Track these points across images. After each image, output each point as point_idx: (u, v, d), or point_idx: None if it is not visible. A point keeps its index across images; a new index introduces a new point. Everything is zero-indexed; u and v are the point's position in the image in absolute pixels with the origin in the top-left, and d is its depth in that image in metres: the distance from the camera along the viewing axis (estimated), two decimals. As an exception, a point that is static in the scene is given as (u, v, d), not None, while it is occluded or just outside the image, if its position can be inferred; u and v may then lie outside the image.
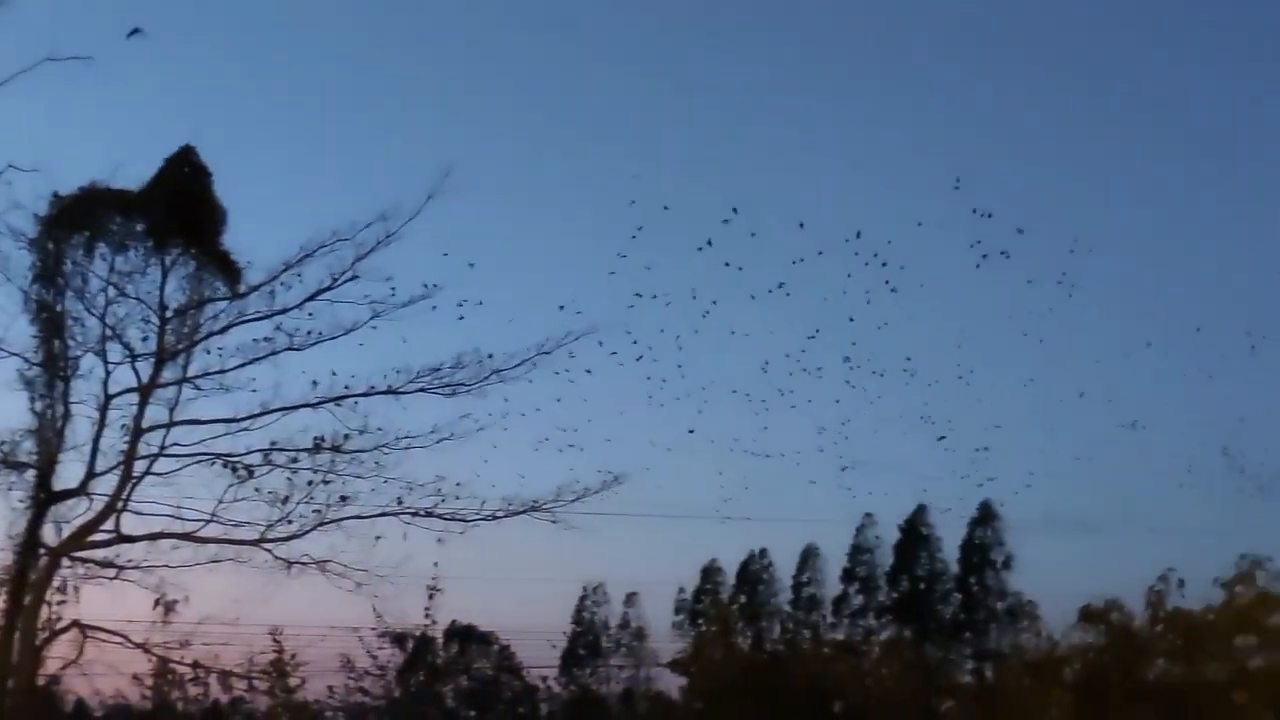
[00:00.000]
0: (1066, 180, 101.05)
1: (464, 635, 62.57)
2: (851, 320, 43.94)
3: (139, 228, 23.89)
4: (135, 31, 23.47)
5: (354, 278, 23.33)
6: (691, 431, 38.84)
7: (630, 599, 73.31)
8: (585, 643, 71.66)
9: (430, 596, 51.01)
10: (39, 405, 23.15)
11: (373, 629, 52.14)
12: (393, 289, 23.33)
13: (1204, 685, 41.95)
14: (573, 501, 24.59)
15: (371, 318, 23.48)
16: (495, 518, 24.54)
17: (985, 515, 60.02)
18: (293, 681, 26.80)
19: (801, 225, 39.11)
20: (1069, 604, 47.00)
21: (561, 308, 29.93)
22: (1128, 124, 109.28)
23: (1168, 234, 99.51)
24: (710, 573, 70.46)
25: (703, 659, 61.37)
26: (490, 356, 23.91)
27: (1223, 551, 70.55)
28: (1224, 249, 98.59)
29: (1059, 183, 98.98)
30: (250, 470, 23.64)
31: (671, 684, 65.22)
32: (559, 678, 68.35)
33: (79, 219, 23.47)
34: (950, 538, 61.39)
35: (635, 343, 32.07)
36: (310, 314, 23.52)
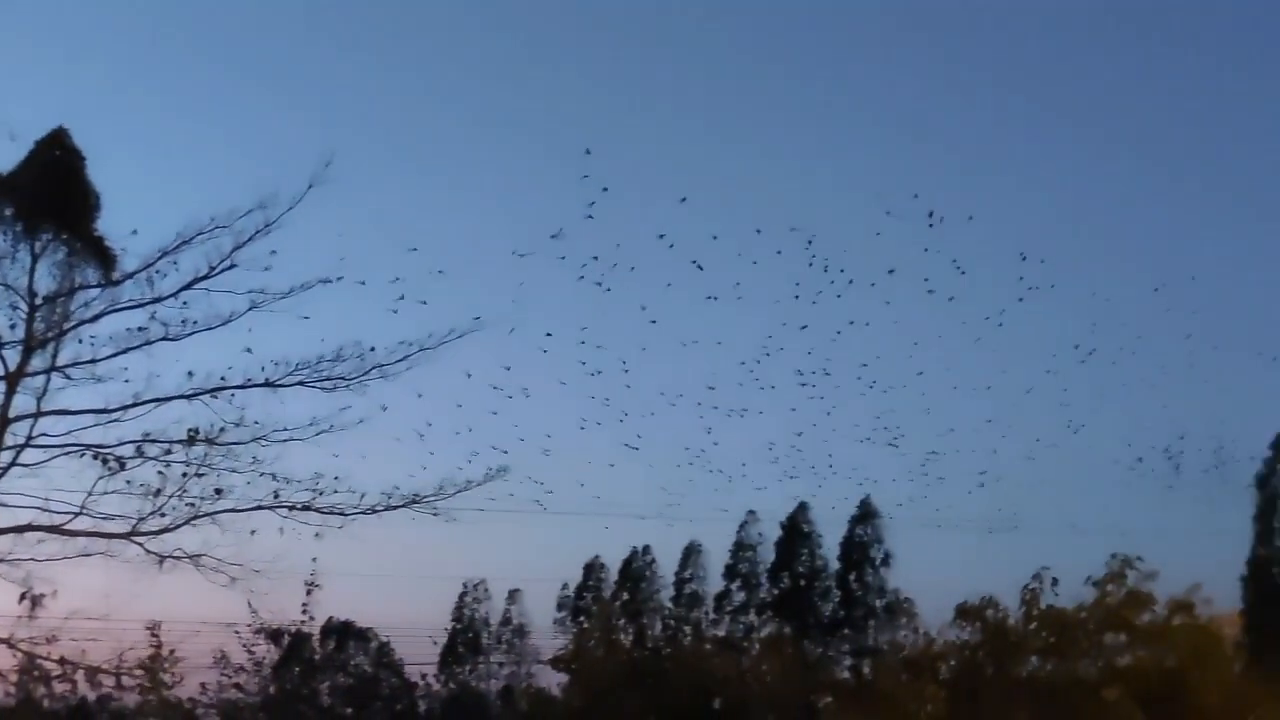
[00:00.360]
0: (1019, 188, 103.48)
1: (342, 631, 61.77)
2: (804, 328, 45.32)
3: (7, 211, 23.14)
4: None
5: (232, 267, 22.89)
6: (582, 427, 39.00)
7: (513, 595, 73.07)
8: (466, 640, 71.18)
9: (308, 592, 50.53)
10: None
11: (248, 625, 51.59)
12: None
13: (1075, 682, 42.92)
14: (454, 495, 24.44)
15: (249, 308, 23.08)
16: (375, 512, 24.32)
17: (865, 513, 60.77)
18: (168, 678, 26.17)
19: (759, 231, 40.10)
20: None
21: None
22: (1081, 132, 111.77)
23: (1116, 243, 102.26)
24: (593, 569, 70.46)
25: (584, 656, 61.32)
26: (372, 350, 23.63)
27: (1146, 549, 72.43)
28: (1168, 259, 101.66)
29: (1012, 191, 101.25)
30: (122, 462, 23.10)
31: (553, 681, 65.10)
32: (438, 675, 67.82)
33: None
34: (832, 535, 62.13)
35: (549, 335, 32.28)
36: (186, 303, 23.02)
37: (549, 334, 41.25)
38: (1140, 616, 43.58)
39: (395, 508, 24.37)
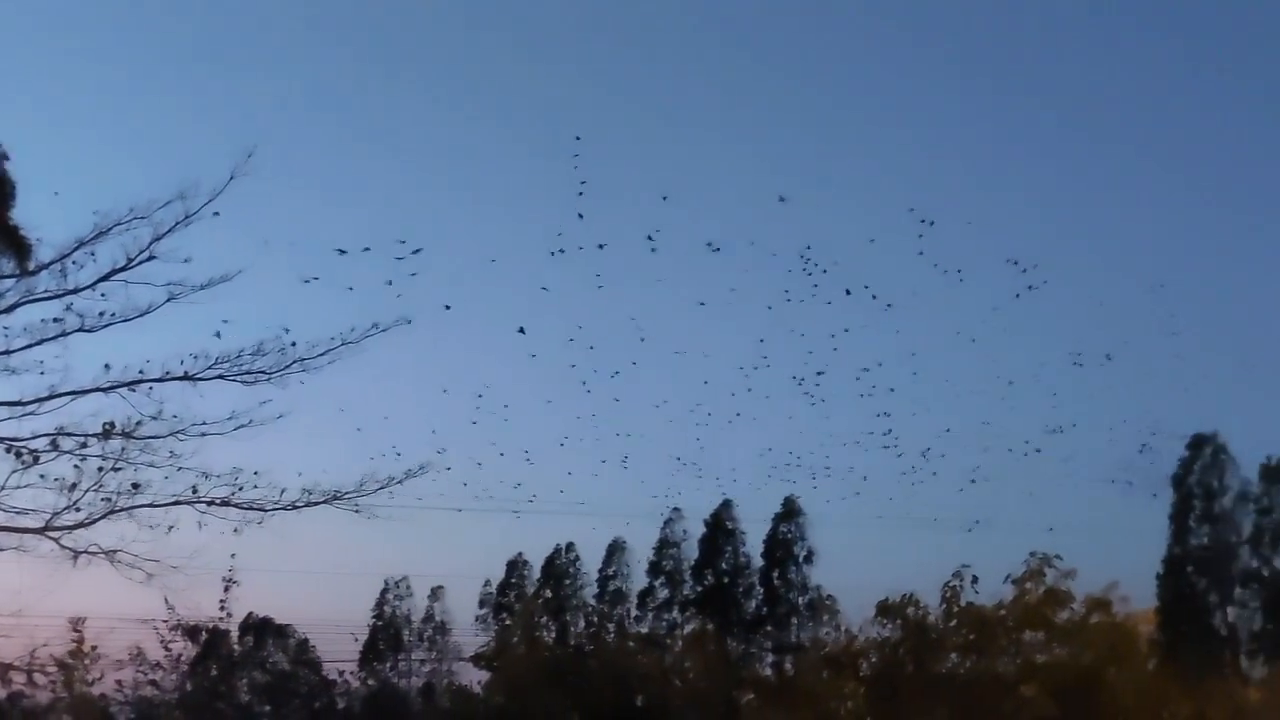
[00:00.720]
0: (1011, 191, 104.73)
1: (261, 628, 61.10)
2: (802, 335, 45.97)
3: (-83, 198, 22.57)
4: None
5: (151, 258, 22.49)
6: (507, 421, 38.98)
7: (435, 593, 72.59)
8: (387, 637, 70.65)
9: (225, 588, 49.99)
10: None
11: (165, 621, 50.87)
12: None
13: (993, 678, 43.48)
14: (375, 491, 24.21)
15: (167, 300, 22.68)
16: (295, 508, 24.01)
17: (789, 510, 61.02)
18: (88, 675, 25.77)
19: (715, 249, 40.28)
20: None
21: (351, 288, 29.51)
22: (1072, 138, 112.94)
23: (1107, 249, 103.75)
24: (515, 566, 70.19)
25: (506, 653, 61.13)
26: (294, 345, 23.33)
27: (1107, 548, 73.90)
28: (1154, 268, 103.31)
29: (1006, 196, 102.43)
30: (36, 456, 22.58)
31: (474, 678, 64.82)
32: (358, 672, 67.25)
33: None
34: (756, 533, 62.34)
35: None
36: (104, 294, 22.58)
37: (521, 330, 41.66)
38: (1058, 614, 44.24)
39: (316, 504, 24.08)
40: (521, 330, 46.26)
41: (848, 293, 45.40)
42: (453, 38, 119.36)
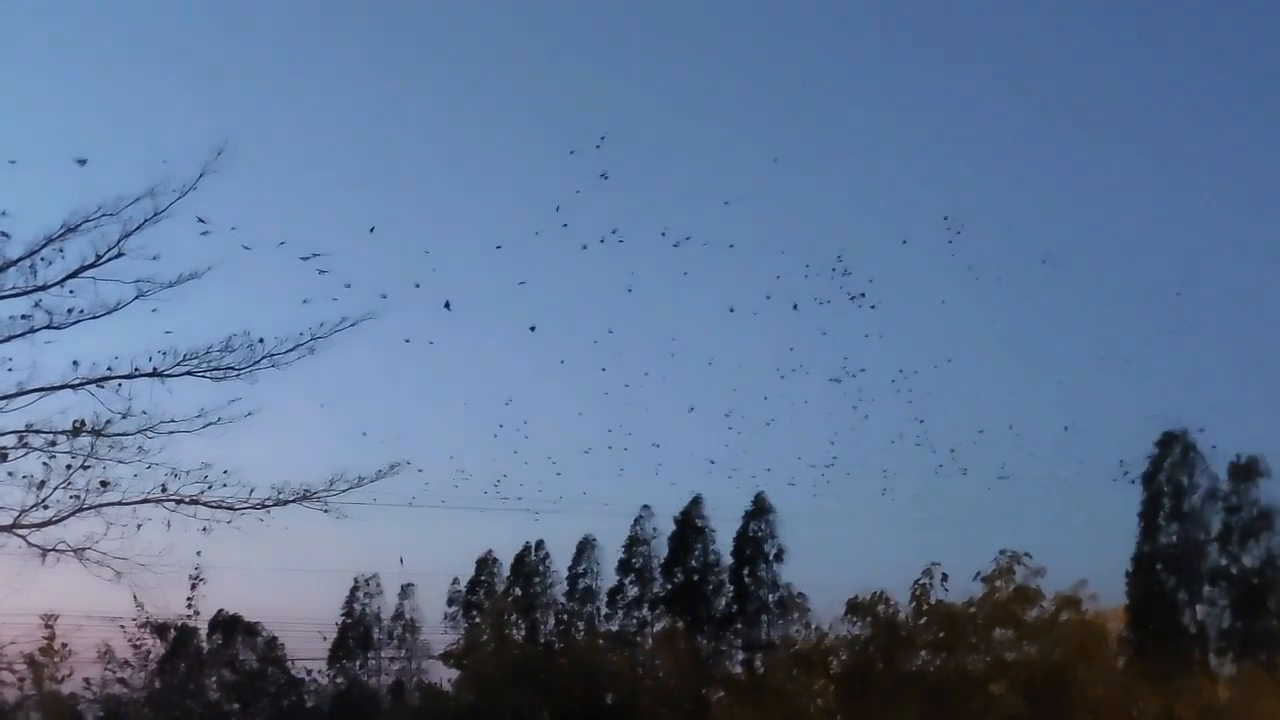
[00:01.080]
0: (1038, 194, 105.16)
1: (229, 626, 60.85)
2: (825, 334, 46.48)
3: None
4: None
5: (120, 255, 22.31)
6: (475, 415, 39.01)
7: (405, 590, 72.34)
8: (356, 634, 70.40)
9: (193, 586, 49.78)
10: None
11: (134, 619, 50.55)
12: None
13: (963, 676, 43.62)
14: (345, 490, 24.11)
15: (136, 297, 22.51)
16: (264, 506, 23.90)
17: (759, 508, 61.12)
18: (57, 673, 25.65)
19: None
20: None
21: (348, 286, 29.74)
22: (1090, 135, 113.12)
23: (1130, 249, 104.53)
24: (485, 564, 70.04)
25: (475, 651, 61.00)
26: (261, 341, 23.20)
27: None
28: (1179, 269, 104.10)
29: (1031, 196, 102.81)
30: (4, 453, 22.41)
31: (444, 676, 64.66)
32: (327, 670, 67.03)
33: None
34: (726, 530, 62.40)
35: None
36: (72, 291, 22.39)
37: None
38: (1028, 612, 44.41)
39: (285, 503, 23.98)
40: (532, 329, 47.29)
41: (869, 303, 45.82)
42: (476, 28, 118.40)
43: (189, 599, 49.85)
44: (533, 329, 51.05)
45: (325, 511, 24.19)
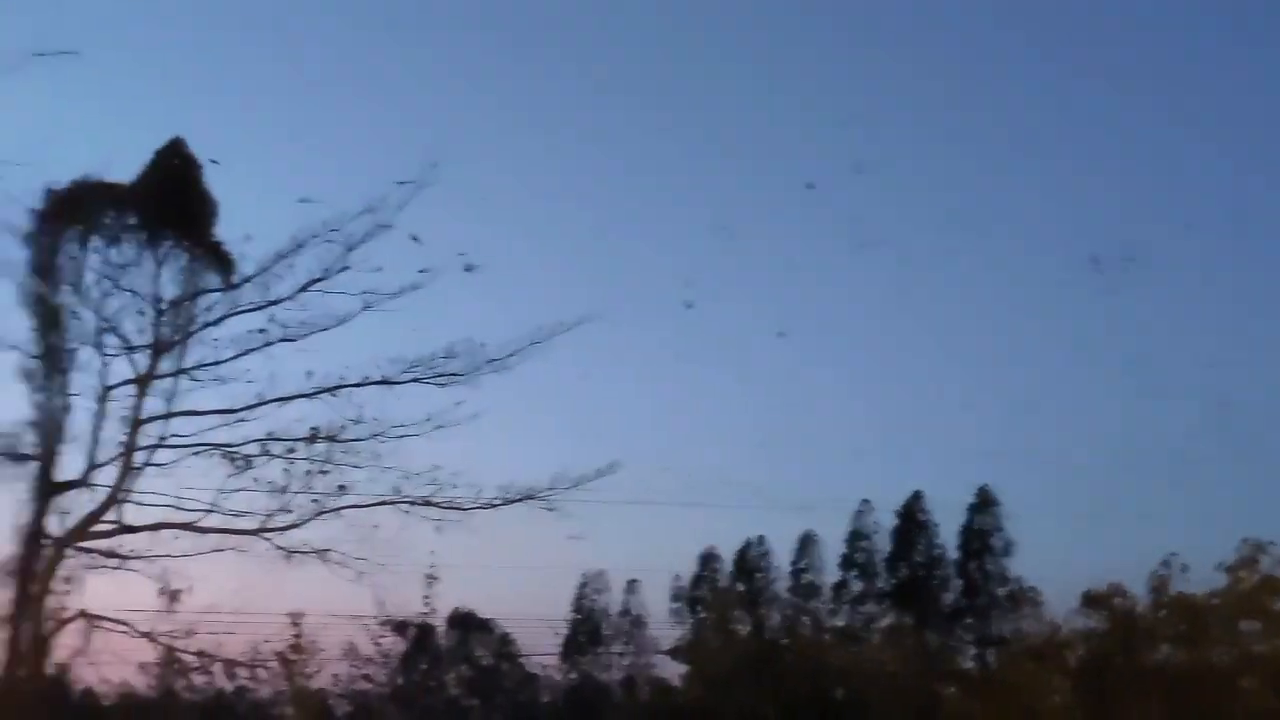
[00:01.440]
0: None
1: (464, 622, 62.57)
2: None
3: (131, 220, 23.70)
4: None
5: (345, 268, 23.20)
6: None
7: (630, 586, 73.22)
8: (585, 630, 71.59)
9: (428, 584, 51.32)
10: (39, 397, 22.99)
11: (374, 618, 52.46)
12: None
13: (1208, 670, 41.90)
14: (568, 489, 24.45)
15: (363, 308, 23.37)
16: (492, 506, 24.41)
17: (984, 501, 59.96)
18: (307, 669, 26.77)
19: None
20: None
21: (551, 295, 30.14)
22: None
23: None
24: (708, 560, 70.39)
25: (702, 646, 61.35)
26: (483, 346, 23.78)
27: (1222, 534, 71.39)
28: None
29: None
30: (248, 461, 23.48)
31: (672, 671, 65.23)
32: (560, 665, 68.33)
33: (72, 212, 23.27)
34: (947, 524, 61.37)
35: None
36: (303, 305, 23.37)
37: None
38: (1276, 603, 42.40)
39: (511, 502, 24.45)
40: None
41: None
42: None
43: (425, 597, 51.44)
44: (781, 334, 49.93)
45: (550, 510, 24.61)
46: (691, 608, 68.99)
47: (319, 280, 23.22)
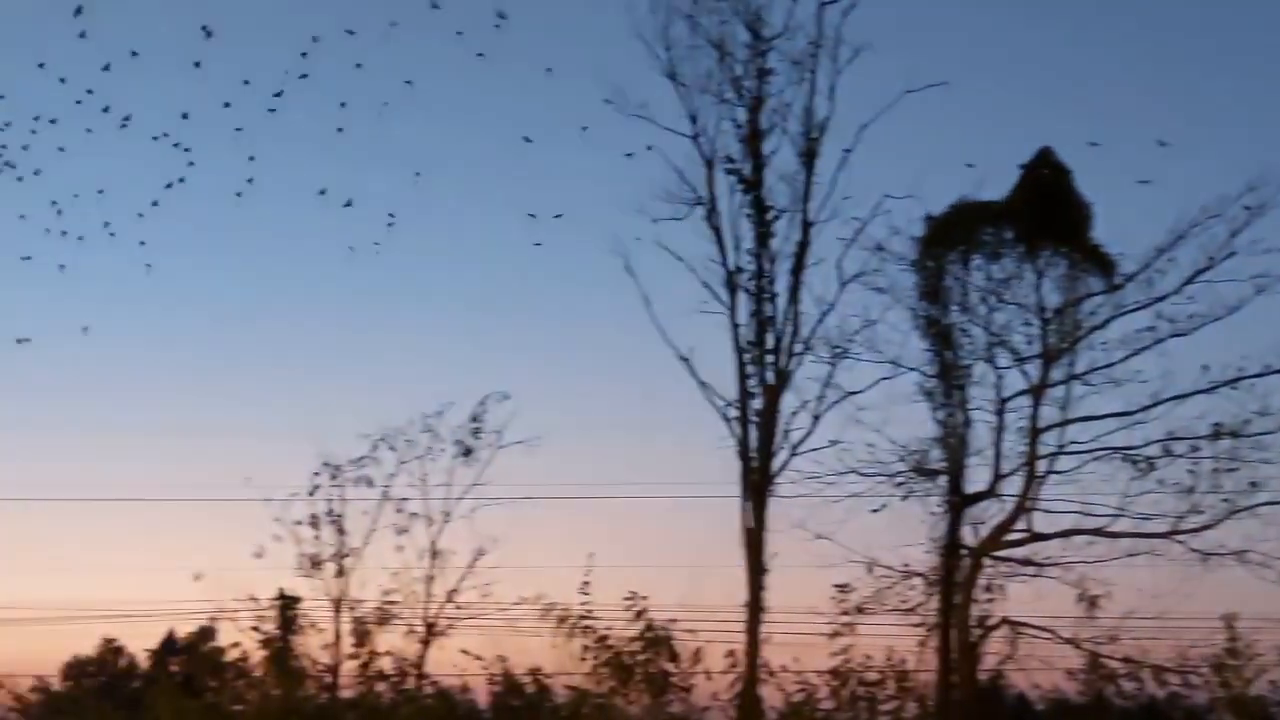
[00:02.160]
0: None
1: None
2: None
3: (1009, 235, 24.58)
4: None
5: (1231, 254, 22.37)
6: None
7: None
8: None
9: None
10: (940, 414, 24.54)
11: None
12: None
13: None
14: None
15: (1256, 293, 22.43)
16: None
17: None
18: (1243, 674, 25.95)
19: None
20: None
21: None
22: None
23: None
24: None
25: None
26: None
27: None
28: None
29: None
30: (1150, 463, 23.30)
31: None
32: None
33: (952, 235, 24.67)
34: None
35: None
36: (1190, 297, 22.87)
37: None
38: None
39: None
40: None
41: None
42: None
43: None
44: None
45: None
46: None
47: (1204, 270, 22.71)
